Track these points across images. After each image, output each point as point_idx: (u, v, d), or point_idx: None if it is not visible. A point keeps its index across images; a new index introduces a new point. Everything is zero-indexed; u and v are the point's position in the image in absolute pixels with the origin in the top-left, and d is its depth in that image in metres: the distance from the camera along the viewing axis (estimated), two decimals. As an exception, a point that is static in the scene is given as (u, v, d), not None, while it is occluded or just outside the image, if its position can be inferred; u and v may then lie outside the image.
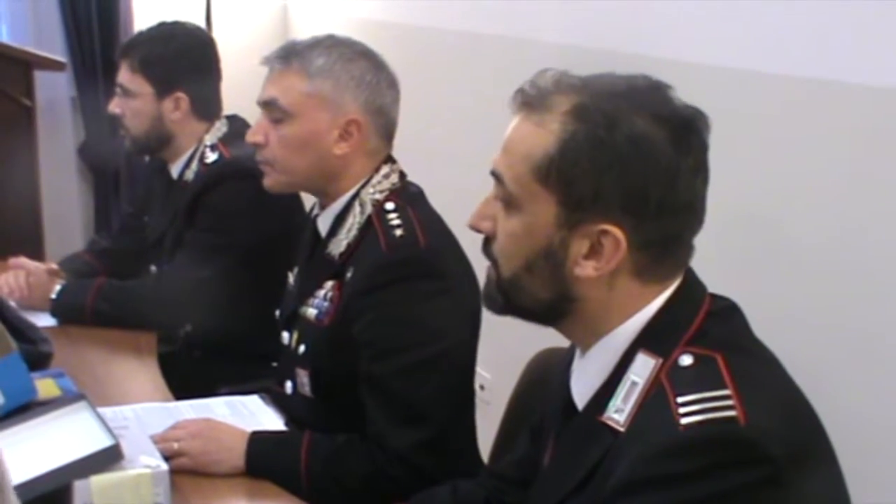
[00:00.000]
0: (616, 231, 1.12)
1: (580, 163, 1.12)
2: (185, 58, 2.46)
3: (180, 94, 2.43)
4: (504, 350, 1.94)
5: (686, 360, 1.11)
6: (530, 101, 1.17)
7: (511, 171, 1.17)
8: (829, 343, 1.91)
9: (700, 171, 1.15)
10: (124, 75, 2.44)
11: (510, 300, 1.21)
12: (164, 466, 1.51)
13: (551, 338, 1.86)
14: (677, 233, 1.16)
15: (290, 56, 1.80)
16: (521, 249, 1.17)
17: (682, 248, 1.18)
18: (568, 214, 1.14)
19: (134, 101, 2.44)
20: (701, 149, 1.15)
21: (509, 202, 1.18)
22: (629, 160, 1.11)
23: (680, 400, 1.07)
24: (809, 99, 1.95)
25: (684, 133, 1.13)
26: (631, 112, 1.12)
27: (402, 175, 1.85)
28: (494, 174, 1.20)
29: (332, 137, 1.79)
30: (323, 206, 1.87)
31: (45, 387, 1.75)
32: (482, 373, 1.90)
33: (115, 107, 2.47)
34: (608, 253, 1.13)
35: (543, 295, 1.18)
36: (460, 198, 1.87)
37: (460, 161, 2.93)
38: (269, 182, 1.87)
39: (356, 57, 1.82)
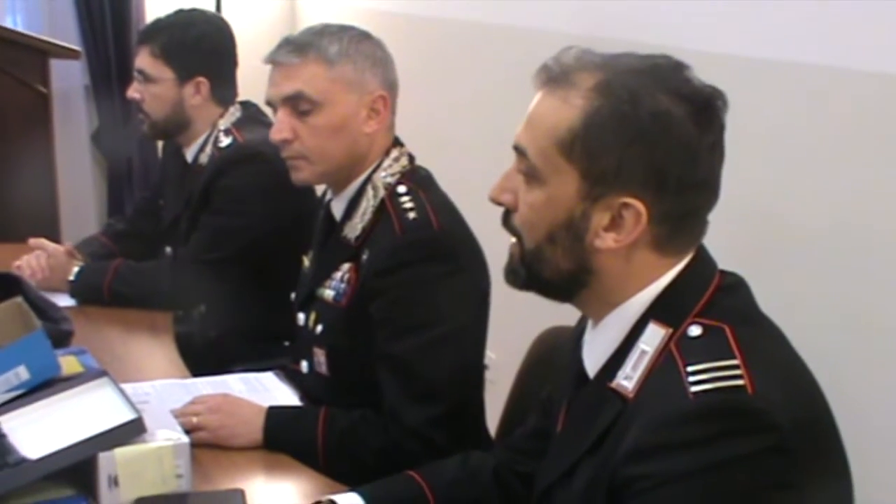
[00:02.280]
0: (637, 204, 1.12)
1: (604, 137, 1.12)
2: (205, 43, 2.46)
3: (201, 79, 2.43)
4: (508, 330, 1.94)
5: (695, 330, 1.12)
6: (555, 77, 1.16)
7: (535, 145, 1.16)
8: (836, 332, 1.90)
9: (717, 149, 1.15)
10: (144, 61, 2.43)
11: (532, 273, 1.20)
12: (185, 439, 1.51)
13: (555, 317, 1.88)
14: (695, 208, 1.16)
15: (304, 48, 1.77)
16: (544, 221, 1.17)
17: (698, 223, 1.18)
18: (590, 187, 1.13)
19: (155, 86, 2.43)
20: (719, 127, 1.15)
21: (532, 175, 1.17)
22: (652, 135, 1.11)
23: (690, 369, 1.07)
24: (817, 86, 1.93)
25: (704, 111, 1.13)
26: (654, 89, 1.12)
27: (411, 158, 1.85)
28: (517, 148, 1.19)
29: (361, 117, 1.78)
30: (336, 192, 1.86)
31: (69, 363, 1.76)
32: (487, 353, 1.90)
33: (133, 92, 2.46)
34: (629, 225, 1.13)
35: (564, 266, 1.17)
36: (468, 183, 1.87)
37: (467, 148, 2.93)
38: (304, 175, 1.83)
39: (363, 38, 1.82)
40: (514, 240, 1.22)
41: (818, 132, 1.95)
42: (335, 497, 1.39)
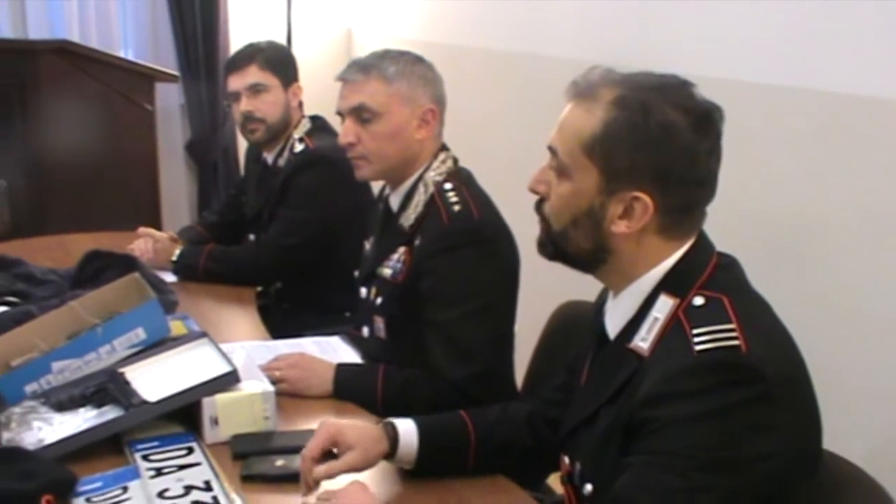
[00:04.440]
0: (645, 198, 1.12)
1: (620, 142, 1.12)
2: (291, 57, 2.51)
3: (298, 87, 2.46)
4: (530, 305, 1.93)
5: (698, 300, 1.12)
6: (582, 91, 1.16)
7: (564, 146, 1.16)
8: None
9: (714, 153, 1.15)
10: (255, 75, 2.40)
11: (559, 249, 1.21)
12: (271, 388, 1.52)
13: (569, 295, 1.87)
14: (694, 201, 1.16)
15: (367, 68, 1.78)
16: (570, 209, 1.17)
17: (697, 213, 1.18)
18: (607, 183, 1.14)
19: (268, 94, 2.41)
20: (716, 135, 1.15)
21: (561, 171, 1.17)
22: (659, 142, 1.11)
23: (695, 332, 1.08)
24: (822, 110, 1.90)
25: (704, 122, 1.13)
26: (662, 103, 1.11)
27: (456, 161, 1.85)
28: (550, 148, 1.19)
29: (412, 126, 1.78)
30: (393, 187, 1.86)
31: (176, 326, 1.78)
32: (512, 324, 1.90)
33: (246, 106, 2.41)
34: (638, 215, 1.14)
35: (585, 245, 1.18)
36: (497, 182, 1.87)
37: (496, 153, 2.93)
38: (364, 173, 1.83)
39: (417, 61, 1.81)
40: (541, 223, 1.23)
41: (816, 148, 1.91)
42: (394, 420, 1.38)
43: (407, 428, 1.36)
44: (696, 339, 1.07)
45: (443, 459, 1.38)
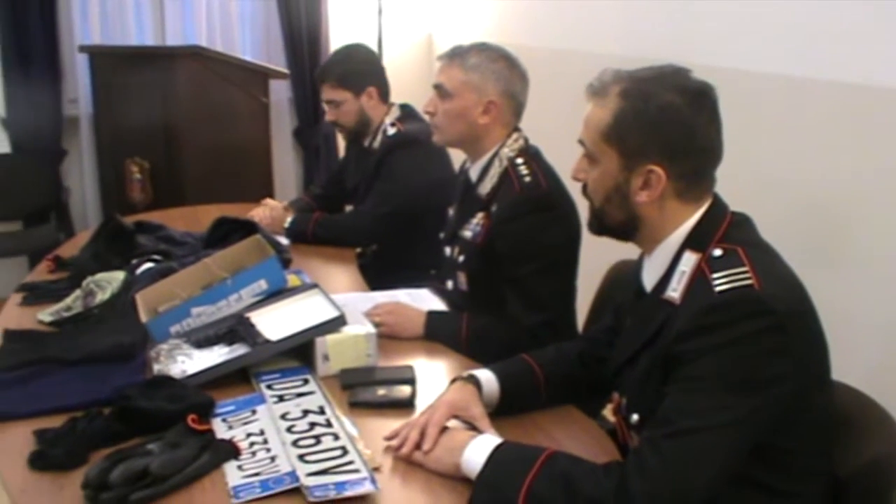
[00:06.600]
0: (658, 169, 1.14)
1: (629, 127, 1.14)
2: (363, 64, 2.44)
3: (371, 89, 2.40)
4: (589, 263, 1.87)
5: (717, 252, 1.12)
6: (596, 90, 1.19)
7: (589, 138, 1.19)
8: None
9: (713, 123, 1.15)
10: (329, 93, 2.40)
11: (601, 223, 1.23)
12: (373, 330, 1.52)
13: (623, 254, 1.80)
14: (702, 166, 1.16)
15: (454, 55, 1.77)
16: (601, 188, 1.20)
17: (706, 177, 1.18)
18: (626, 162, 1.16)
19: (343, 105, 2.40)
20: (712, 108, 1.15)
21: (591, 159, 1.20)
22: (661, 121, 1.13)
23: (714, 276, 1.09)
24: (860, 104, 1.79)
25: (697, 98, 1.14)
26: (659, 88, 1.14)
27: (527, 139, 1.80)
28: (580, 142, 1.21)
29: (477, 112, 1.75)
30: (473, 161, 1.83)
31: (292, 279, 1.78)
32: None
33: (329, 117, 2.44)
34: (654, 184, 1.15)
35: (619, 217, 1.20)
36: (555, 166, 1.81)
37: (547, 138, 2.85)
38: (436, 139, 1.84)
39: (498, 58, 1.77)
40: (588, 203, 1.25)
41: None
42: (473, 371, 1.35)
43: (488, 377, 1.33)
44: (716, 282, 1.08)
45: (520, 400, 1.35)
